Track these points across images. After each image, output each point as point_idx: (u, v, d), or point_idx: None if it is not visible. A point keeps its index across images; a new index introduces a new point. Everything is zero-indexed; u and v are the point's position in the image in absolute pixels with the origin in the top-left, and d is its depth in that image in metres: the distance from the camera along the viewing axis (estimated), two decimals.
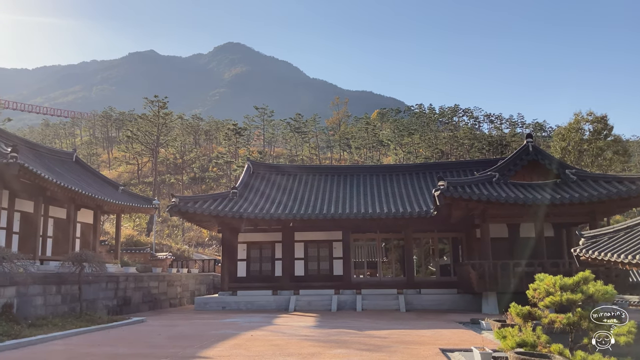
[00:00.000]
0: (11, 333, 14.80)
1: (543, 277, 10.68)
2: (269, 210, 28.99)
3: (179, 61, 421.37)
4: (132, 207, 32.28)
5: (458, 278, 28.79)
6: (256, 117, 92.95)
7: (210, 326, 19.22)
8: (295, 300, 27.59)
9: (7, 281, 17.17)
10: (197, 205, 28.77)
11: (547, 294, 10.24)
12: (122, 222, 37.34)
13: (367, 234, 31.08)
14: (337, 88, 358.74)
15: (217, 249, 55.27)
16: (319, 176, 34.60)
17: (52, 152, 32.02)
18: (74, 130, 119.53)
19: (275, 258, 30.79)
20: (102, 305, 23.29)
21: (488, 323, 17.29)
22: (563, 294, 9.94)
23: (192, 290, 35.02)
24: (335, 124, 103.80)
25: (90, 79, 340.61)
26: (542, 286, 10.43)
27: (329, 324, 19.93)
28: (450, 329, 17.84)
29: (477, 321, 19.23)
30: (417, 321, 20.97)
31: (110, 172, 79.87)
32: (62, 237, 27.53)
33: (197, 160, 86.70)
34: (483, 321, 18.17)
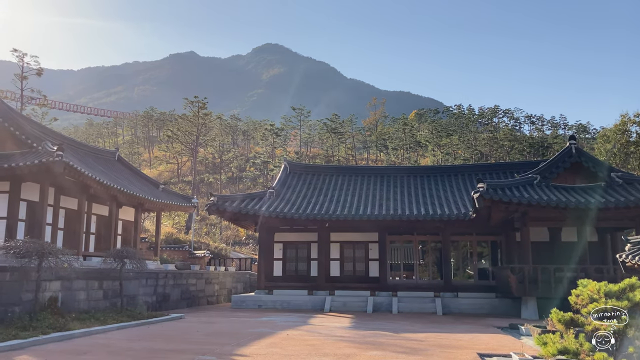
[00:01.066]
0: (56, 326, 15.29)
1: (586, 283, 10.38)
2: (305, 210, 29.10)
3: (219, 62, 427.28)
4: (172, 205, 32.90)
5: (497, 282, 28.27)
6: (293, 118, 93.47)
7: (247, 324, 19.41)
8: (330, 301, 27.60)
9: (53, 275, 17.73)
10: (235, 204, 29.12)
11: (590, 300, 9.94)
12: (162, 220, 38.09)
13: (403, 236, 30.83)
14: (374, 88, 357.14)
15: (253, 248, 55.83)
16: (355, 177, 34.52)
17: (96, 151, 32.91)
18: (117, 129, 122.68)
19: (311, 258, 30.88)
20: (141, 301, 23.79)
21: (527, 329, 16.92)
22: (608, 301, 9.63)
23: (229, 288, 35.45)
24: (372, 125, 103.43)
25: (132, 80, 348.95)
26: (585, 292, 10.13)
27: (364, 326, 19.86)
28: (488, 334, 17.53)
29: (516, 326, 18.83)
30: (454, 325, 20.68)
31: (151, 171, 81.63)
32: (105, 234, 28.27)
33: (235, 160, 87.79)
34: (522, 326, 17.78)
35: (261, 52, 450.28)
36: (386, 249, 29.93)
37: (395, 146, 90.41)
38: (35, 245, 16.49)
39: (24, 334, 13.65)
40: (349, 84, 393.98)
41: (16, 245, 16.43)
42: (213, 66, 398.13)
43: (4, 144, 23.67)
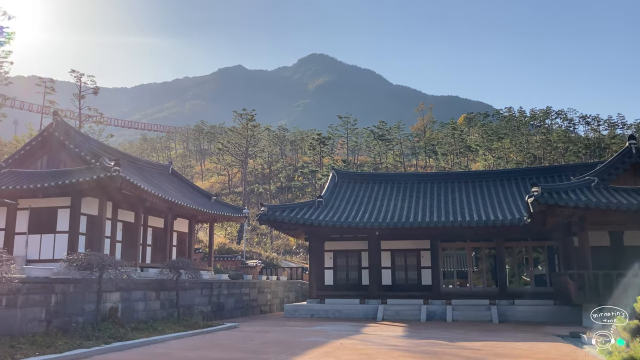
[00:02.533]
0: (117, 335, 15.81)
1: None
2: (354, 218, 29.06)
3: (265, 74, 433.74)
4: (224, 216, 33.55)
5: (555, 289, 27.33)
6: (340, 126, 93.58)
7: (300, 333, 19.50)
8: (383, 310, 27.39)
9: (113, 287, 18.37)
10: (285, 213, 29.39)
11: None
12: (215, 231, 38.85)
13: (456, 243, 30.28)
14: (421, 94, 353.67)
15: (304, 257, 56.09)
16: (404, 184, 34.21)
17: (150, 165, 33.98)
18: (169, 143, 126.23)
19: (362, 266, 30.75)
20: (197, 311, 24.30)
21: (590, 337, 16.25)
22: None
23: (281, 298, 35.73)
24: (420, 130, 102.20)
25: (183, 95, 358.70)
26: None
27: (418, 335, 19.60)
28: (548, 342, 16.96)
29: (577, 335, 18.13)
30: (511, 333, 20.12)
31: (203, 183, 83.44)
32: (160, 245, 29.07)
33: (284, 170, 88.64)
34: (584, 335, 17.10)
35: (306, 63, 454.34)
36: (438, 256, 29.48)
37: (444, 151, 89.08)
38: (96, 258, 17.14)
39: (87, 344, 14.19)
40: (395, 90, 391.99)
41: (78, 258, 17.11)
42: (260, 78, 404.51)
43: (65, 161, 24.85)
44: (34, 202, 23.16)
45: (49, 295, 15.74)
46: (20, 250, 23.03)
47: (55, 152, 25.12)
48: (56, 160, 25.05)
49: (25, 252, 23.09)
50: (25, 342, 13.39)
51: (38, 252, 23.20)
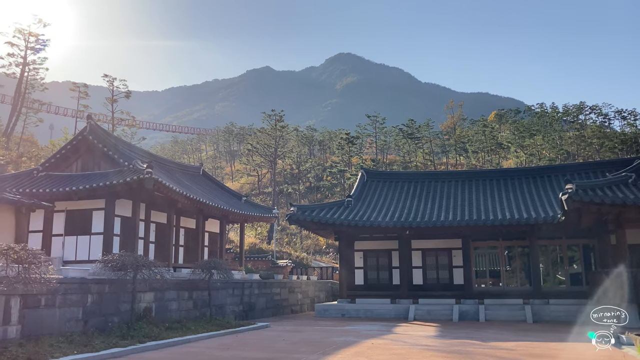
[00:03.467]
0: (151, 335, 16.09)
1: None
2: (384, 218, 28.91)
3: (293, 75, 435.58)
4: (254, 216, 33.79)
5: (591, 288, 26.66)
6: (368, 125, 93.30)
7: (332, 333, 19.51)
8: (414, 310, 27.19)
9: (147, 287, 18.68)
10: (314, 214, 29.43)
11: None
12: (245, 231, 39.17)
13: (488, 242, 29.84)
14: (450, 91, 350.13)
15: (334, 257, 56.10)
16: (434, 182, 33.88)
17: (182, 167, 34.44)
18: (200, 145, 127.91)
19: (393, 266, 30.59)
20: (229, 311, 24.53)
21: (629, 337, 15.84)
22: None
23: (312, 297, 35.80)
24: (450, 128, 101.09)
25: (212, 97, 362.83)
26: None
27: (450, 334, 19.39)
28: (584, 343, 16.56)
29: (615, 335, 17.66)
30: (546, 333, 19.74)
31: (233, 184, 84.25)
32: (192, 246, 29.44)
33: (312, 170, 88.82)
34: (623, 335, 16.66)
35: (334, 62, 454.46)
36: (470, 255, 29.10)
37: (475, 149, 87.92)
38: (130, 259, 17.46)
39: (123, 343, 14.48)
40: (424, 88, 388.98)
41: (113, 259, 17.47)
42: (288, 79, 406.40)
43: (99, 163, 25.40)
44: (70, 204, 23.72)
45: (85, 296, 16.11)
46: (57, 251, 23.64)
47: (89, 156, 25.71)
48: (90, 163, 25.64)
49: (62, 253, 23.68)
50: (63, 340, 13.73)
51: (74, 253, 23.77)
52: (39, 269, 12.81)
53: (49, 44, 61.37)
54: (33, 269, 12.65)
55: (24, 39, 59.41)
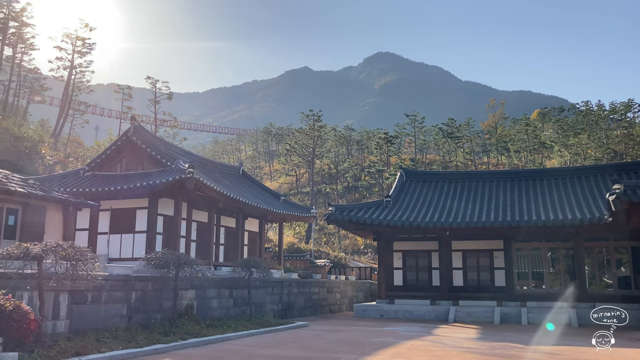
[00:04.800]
0: (193, 332, 16.37)
1: None
2: (423, 218, 28.61)
3: (331, 75, 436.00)
4: (293, 215, 34.01)
5: None
6: (407, 125, 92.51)
7: (370, 333, 19.43)
8: (454, 311, 26.80)
9: (188, 284, 19.03)
10: (352, 213, 29.38)
11: None
12: (284, 230, 39.42)
13: (531, 243, 29.15)
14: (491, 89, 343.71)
15: (372, 257, 55.87)
16: (475, 182, 33.32)
17: (222, 167, 34.96)
18: (239, 145, 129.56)
19: (432, 267, 30.23)
20: (268, 309, 24.74)
21: None
22: None
23: (350, 297, 35.75)
24: (491, 127, 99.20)
25: (251, 98, 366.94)
26: None
27: (492, 337, 19.03)
28: (633, 349, 16.00)
29: None
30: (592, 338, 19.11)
31: (272, 184, 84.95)
32: (232, 245, 29.85)
33: (350, 169, 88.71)
34: None
35: (372, 62, 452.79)
36: (512, 257, 28.49)
37: (517, 148, 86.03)
38: (173, 257, 17.81)
39: (165, 339, 14.77)
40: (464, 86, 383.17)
41: (156, 257, 17.86)
42: (326, 79, 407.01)
43: (142, 163, 26.04)
44: (115, 203, 24.40)
45: (129, 292, 16.52)
46: (102, 249, 24.35)
47: (133, 156, 26.38)
48: (134, 163, 26.31)
49: (107, 251, 24.40)
50: (109, 336, 14.11)
51: (119, 251, 24.45)
52: (86, 266, 13.18)
53: (94, 47, 63.38)
54: (80, 266, 13.02)
55: (71, 43, 61.51)
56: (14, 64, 59.88)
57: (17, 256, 12.10)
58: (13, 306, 10.84)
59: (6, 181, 18.38)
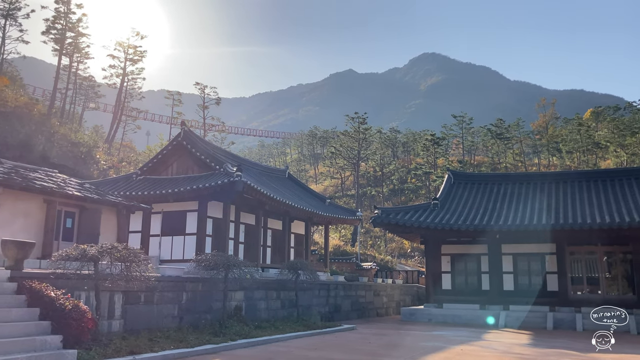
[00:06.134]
0: (242, 333, 16.59)
1: None
2: (472, 221, 28.07)
3: (376, 77, 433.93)
4: (338, 218, 34.02)
5: None
6: (454, 126, 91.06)
7: (419, 337, 19.21)
8: (505, 316, 26.18)
9: (237, 286, 19.29)
10: (399, 216, 29.14)
11: None
12: (329, 233, 39.51)
13: (585, 247, 28.15)
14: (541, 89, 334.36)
15: (419, 260, 55.25)
16: (526, 184, 32.46)
17: (268, 170, 35.35)
18: (285, 149, 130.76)
19: (482, 271, 29.60)
20: (315, 311, 24.80)
21: None
22: None
23: (397, 301, 35.44)
24: (541, 127, 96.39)
25: (296, 102, 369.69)
26: None
27: (544, 343, 18.49)
28: None
29: None
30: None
31: (317, 186, 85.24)
32: (279, 247, 30.11)
33: (396, 172, 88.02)
34: None
35: (418, 63, 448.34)
36: (566, 261, 27.57)
37: (569, 149, 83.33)
38: (222, 258, 18.12)
39: (215, 340, 15.04)
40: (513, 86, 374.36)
41: (206, 259, 18.20)
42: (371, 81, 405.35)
43: (192, 167, 26.66)
44: (166, 206, 25.03)
45: (180, 293, 16.90)
46: (154, 251, 25.03)
47: (183, 160, 27.04)
48: (184, 167, 26.95)
49: (158, 252, 25.05)
50: (161, 336, 14.47)
51: (170, 253, 25.07)
52: (140, 267, 13.57)
53: (145, 55, 65.32)
54: (134, 267, 13.43)
55: (123, 51, 63.60)
56: (70, 72, 62.42)
57: (75, 257, 12.58)
58: (72, 305, 11.28)
59: (64, 185, 19.17)
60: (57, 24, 56.71)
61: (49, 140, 43.49)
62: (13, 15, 53.78)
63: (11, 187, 16.74)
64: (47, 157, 39.19)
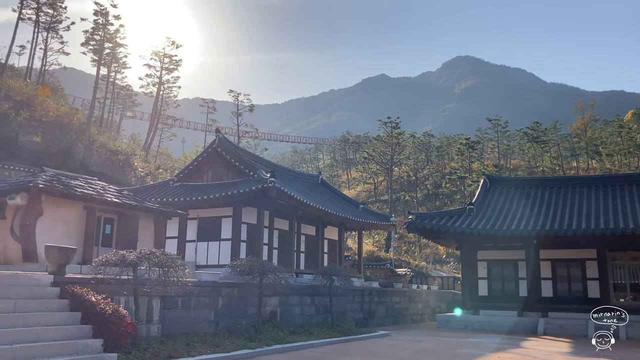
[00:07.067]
0: (277, 338, 16.66)
1: None
2: (509, 226, 27.55)
3: (408, 81, 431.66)
4: (372, 223, 33.91)
5: None
6: (489, 129, 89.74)
7: (455, 344, 18.93)
8: (544, 323, 25.57)
9: (272, 291, 19.40)
10: (434, 221, 28.82)
11: None
12: (363, 239, 39.36)
13: (628, 252, 27.31)
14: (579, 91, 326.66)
15: (454, 266, 54.50)
16: (564, 188, 31.69)
17: (301, 176, 35.52)
18: (317, 154, 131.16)
19: (519, 277, 29.02)
20: (349, 317, 24.74)
21: None
22: None
23: (433, 307, 35.03)
24: (580, 130, 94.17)
25: (329, 107, 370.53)
26: None
27: (587, 352, 17.96)
28: None
29: None
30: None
31: (350, 192, 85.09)
32: (312, 252, 30.16)
33: (430, 176, 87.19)
34: None
35: (451, 66, 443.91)
36: (607, 267, 26.79)
37: (609, 152, 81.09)
38: (257, 264, 18.25)
39: (251, 345, 15.14)
40: (550, 88, 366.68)
41: (241, 264, 18.35)
42: (403, 86, 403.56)
43: (227, 174, 27.00)
44: (202, 212, 25.41)
45: (216, 298, 17.09)
46: (190, 256, 25.40)
47: (218, 166, 27.43)
48: (219, 173, 27.33)
49: (194, 258, 25.42)
50: (197, 340, 14.65)
51: (205, 258, 25.42)
52: (177, 272, 13.77)
53: (180, 63, 66.58)
54: (171, 272, 13.63)
55: (159, 60, 64.97)
56: (109, 82, 64.10)
57: (115, 263, 12.87)
58: (112, 310, 11.54)
59: (104, 192, 19.64)
60: (95, 35, 58.41)
61: (88, 149, 44.72)
62: (54, 28, 55.65)
63: (53, 195, 17.25)
64: (86, 164, 40.30)
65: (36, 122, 40.97)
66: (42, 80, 55.87)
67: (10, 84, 44.00)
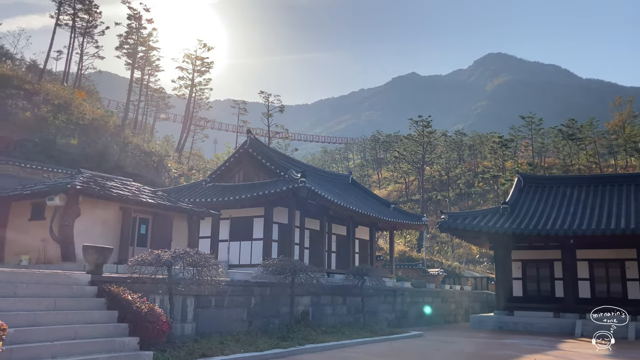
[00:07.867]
0: (309, 338, 16.69)
1: None
2: (544, 226, 26.98)
3: (439, 79, 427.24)
4: (403, 223, 33.67)
5: None
6: (523, 127, 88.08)
7: (489, 346, 18.66)
8: (581, 325, 24.93)
9: (304, 291, 19.46)
10: (467, 221, 28.44)
11: None
12: (394, 239, 39.15)
13: None
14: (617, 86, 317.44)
15: (488, 266, 53.71)
16: (602, 187, 30.85)
17: (332, 176, 35.51)
18: (347, 154, 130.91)
19: (555, 277, 28.42)
20: (381, 318, 24.62)
21: None
22: None
23: (466, 308, 34.59)
24: (617, 127, 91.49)
25: (358, 107, 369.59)
26: None
27: (627, 354, 17.48)
28: None
29: None
30: None
31: (380, 191, 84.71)
32: (343, 252, 30.11)
33: (462, 176, 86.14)
34: None
35: (483, 63, 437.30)
36: None
37: None
38: (289, 263, 18.33)
39: (283, 344, 15.21)
40: (585, 84, 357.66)
41: (273, 263, 18.47)
42: (434, 84, 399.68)
43: (258, 174, 27.20)
44: (234, 212, 25.65)
45: (249, 298, 17.23)
46: (223, 255, 25.67)
47: (250, 167, 27.66)
48: (251, 174, 27.55)
49: (227, 257, 25.68)
50: (231, 339, 14.79)
51: (238, 258, 25.65)
52: (210, 271, 13.92)
53: (212, 65, 67.36)
54: (205, 272, 13.78)
55: (191, 62, 65.84)
56: (142, 85, 65.31)
57: (150, 262, 13.08)
58: (148, 309, 11.74)
59: (138, 193, 20.03)
60: (129, 39, 59.58)
61: (123, 150, 45.65)
62: (90, 32, 56.99)
63: (90, 196, 17.67)
64: (121, 166, 41.14)
65: (73, 125, 42.01)
66: (79, 84, 57.30)
67: (49, 88, 45.26)
